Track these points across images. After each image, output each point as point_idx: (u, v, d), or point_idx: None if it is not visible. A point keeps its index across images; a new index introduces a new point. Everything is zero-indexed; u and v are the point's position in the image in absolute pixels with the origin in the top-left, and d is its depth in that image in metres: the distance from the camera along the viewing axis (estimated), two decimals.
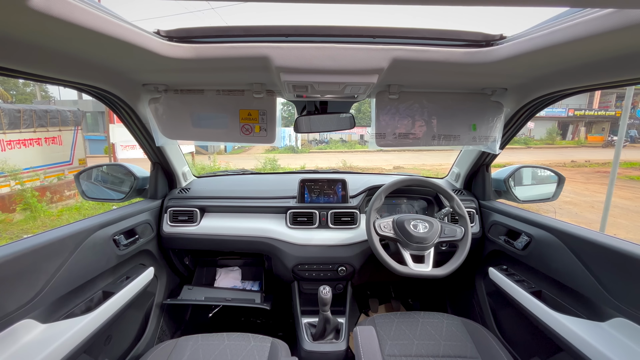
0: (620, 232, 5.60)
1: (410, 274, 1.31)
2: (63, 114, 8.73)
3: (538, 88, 1.11)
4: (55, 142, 8.68)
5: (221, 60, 0.89)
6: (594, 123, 27.52)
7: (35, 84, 20.80)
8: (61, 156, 8.79)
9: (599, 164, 13.79)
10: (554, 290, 1.24)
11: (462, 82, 1.10)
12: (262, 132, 1.26)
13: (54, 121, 8.49)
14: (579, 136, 27.15)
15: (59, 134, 8.70)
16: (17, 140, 7.63)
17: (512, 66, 0.91)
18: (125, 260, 1.40)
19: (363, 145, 24.68)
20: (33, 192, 6.29)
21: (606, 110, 26.53)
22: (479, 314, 1.69)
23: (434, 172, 11.01)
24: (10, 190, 6.55)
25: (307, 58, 0.87)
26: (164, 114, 1.22)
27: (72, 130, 9.08)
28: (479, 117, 1.24)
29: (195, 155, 12.59)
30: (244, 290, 1.87)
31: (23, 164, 7.47)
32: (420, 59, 0.88)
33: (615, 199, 6.34)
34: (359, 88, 1.02)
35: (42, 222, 5.85)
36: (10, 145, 7.49)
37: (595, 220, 6.28)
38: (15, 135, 7.57)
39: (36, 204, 6.17)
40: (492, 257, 1.63)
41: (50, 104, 12.30)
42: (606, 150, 19.87)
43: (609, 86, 0.93)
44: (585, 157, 15.67)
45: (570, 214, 6.64)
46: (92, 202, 1.56)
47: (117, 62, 0.90)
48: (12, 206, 6.23)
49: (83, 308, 1.17)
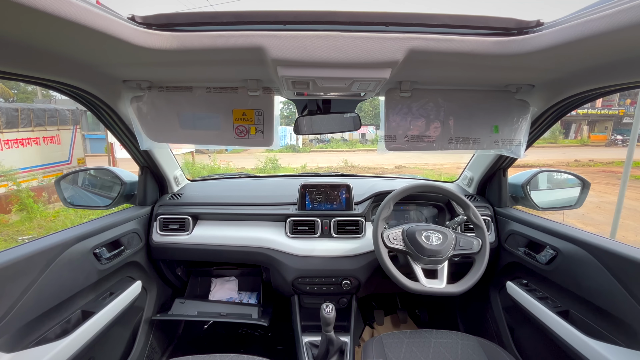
0: (629, 235, 5.47)
1: (423, 291, 1.18)
2: (61, 113, 8.64)
3: (573, 84, 0.97)
4: (54, 142, 8.58)
5: (208, 51, 0.76)
6: (597, 122, 27.28)
7: None
8: (60, 155, 8.68)
9: (603, 164, 13.62)
10: (584, 312, 1.11)
11: (485, 77, 0.97)
12: (258, 134, 1.13)
13: (52, 120, 8.39)
14: (582, 135, 26.92)
15: (58, 133, 8.60)
16: (14, 140, 7.51)
17: (549, 58, 0.78)
18: (109, 275, 1.28)
19: (364, 144, 24.54)
20: (29, 192, 6.18)
21: (609, 109, 26.27)
22: (494, 331, 1.56)
23: (436, 172, 10.88)
24: (7, 190, 6.45)
25: (308, 49, 0.74)
26: (148, 114, 1.09)
27: (71, 129, 8.99)
28: (502, 118, 1.10)
29: (195, 155, 12.48)
30: (240, 304, 1.74)
31: (21, 163, 7.36)
32: (441, 50, 0.75)
33: (612, 199, 6.17)
34: (368, 84, 0.89)
35: (37, 224, 5.73)
36: (8, 144, 7.38)
37: (604, 222, 6.15)
38: (13, 135, 7.46)
39: (32, 204, 6.05)
40: (509, 269, 1.50)
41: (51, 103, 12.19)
42: (610, 150, 19.67)
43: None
44: (589, 156, 15.49)
45: (576, 215, 6.49)
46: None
47: (86, 54, 0.77)
48: (9, 207, 6.14)
49: (58, 331, 1.05)
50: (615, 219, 4.00)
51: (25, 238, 5.04)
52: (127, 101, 1.07)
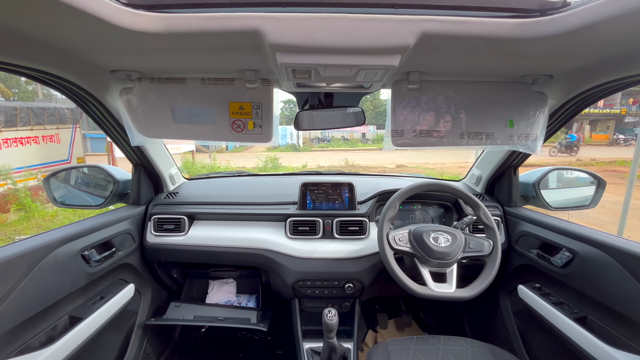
0: (634, 235, 5.39)
1: (432, 296, 1.12)
2: (61, 111, 8.60)
3: (598, 74, 0.90)
4: (53, 140, 8.54)
5: (200, 35, 0.69)
6: (599, 121, 27.09)
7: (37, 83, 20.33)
8: (59, 154, 8.65)
9: (606, 163, 13.52)
10: (603, 318, 1.04)
11: (501, 67, 0.89)
12: (256, 129, 1.06)
13: (52, 119, 8.36)
14: (584, 134, 26.76)
15: (57, 132, 8.57)
16: (13, 139, 7.48)
17: (576, 43, 0.70)
18: (99, 278, 1.21)
19: (365, 143, 24.48)
20: (26, 191, 6.12)
21: (611, 109, 26.08)
22: (504, 337, 1.49)
23: (438, 172, 10.78)
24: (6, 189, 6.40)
25: (310, 32, 0.67)
26: (138, 107, 1.02)
27: (71, 128, 8.94)
28: (518, 111, 1.03)
29: (195, 154, 12.42)
30: (238, 308, 1.67)
31: (20, 162, 7.32)
32: (457, 33, 0.68)
33: (619, 199, 6.11)
34: (375, 74, 0.81)
35: (36, 223, 5.68)
36: (7, 143, 7.34)
37: (608, 221, 6.07)
38: (12, 134, 7.42)
39: (30, 203, 6.00)
40: (520, 272, 1.43)
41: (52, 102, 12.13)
42: (612, 149, 19.53)
43: None
44: (591, 155, 15.37)
45: (580, 214, 6.41)
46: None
47: (67, 37, 0.70)
48: (7, 206, 6.09)
49: (43, 339, 0.98)
50: (622, 219, 3.93)
51: (22, 238, 4.97)
52: (115, 93, 1.00)
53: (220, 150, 19.27)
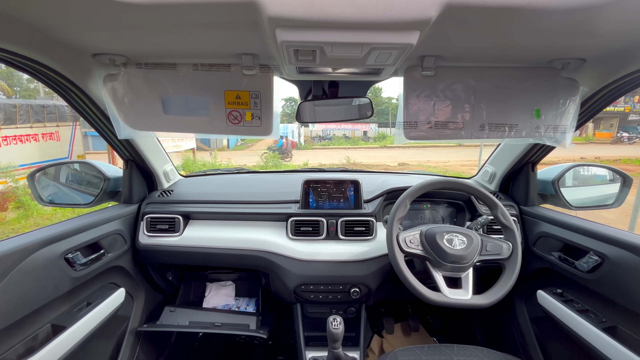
0: None
1: (446, 303, 1.03)
2: (61, 109, 8.56)
3: (636, 58, 0.80)
4: (53, 138, 8.51)
5: (187, 7, 0.59)
6: (602, 119, 26.84)
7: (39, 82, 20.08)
8: (59, 152, 8.60)
9: (610, 161, 13.38)
10: (637, 329, 0.94)
11: (529, 48, 0.79)
12: (254, 121, 0.97)
13: (51, 116, 8.32)
14: (587, 132, 26.52)
15: (57, 129, 8.53)
16: (12, 136, 7.44)
17: (626, 18, 0.61)
18: (86, 282, 1.12)
19: (366, 141, 24.37)
20: (25, 189, 6.06)
21: (615, 106, 25.80)
22: (520, 344, 1.40)
23: (441, 170, 10.64)
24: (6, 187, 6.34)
25: (315, 3, 0.57)
26: (125, 96, 0.92)
27: (71, 125, 8.89)
28: (545, 100, 0.93)
29: (196, 152, 12.34)
30: (237, 313, 1.58)
31: (20, 160, 7.26)
32: (486, 4, 0.58)
33: (629, 197, 5.97)
34: (388, 54, 0.72)
35: (34, 221, 5.62)
36: (6, 141, 7.29)
37: (614, 220, 5.95)
38: (11, 131, 7.38)
39: (29, 201, 5.93)
40: (539, 276, 1.33)
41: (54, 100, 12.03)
42: (615, 147, 19.34)
43: None
44: (595, 154, 15.20)
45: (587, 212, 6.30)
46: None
47: (39, 10, 0.60)
48: (6, 204, 6.03)
49: (22, 350, 0.89)
50: (633, 218, 3.82)
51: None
52: (99, 81, 0.90)
53: (221, 148, 19.21)
